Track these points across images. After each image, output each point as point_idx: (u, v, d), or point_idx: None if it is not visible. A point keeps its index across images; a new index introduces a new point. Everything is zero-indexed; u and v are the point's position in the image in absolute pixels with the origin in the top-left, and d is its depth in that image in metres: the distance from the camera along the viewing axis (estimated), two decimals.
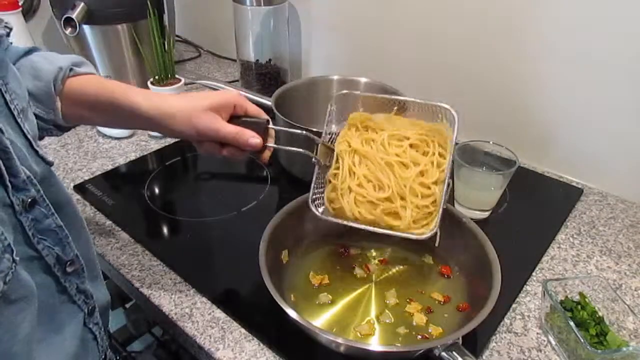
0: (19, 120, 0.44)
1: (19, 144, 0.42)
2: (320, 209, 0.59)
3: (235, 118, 0.58)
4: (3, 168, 0.38)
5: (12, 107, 0.43)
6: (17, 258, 0.38)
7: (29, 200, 0.42)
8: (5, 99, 0.43)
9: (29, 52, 0.57)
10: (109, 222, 0.76)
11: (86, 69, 0.59)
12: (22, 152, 0.42)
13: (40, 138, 0.57)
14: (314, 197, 0.60)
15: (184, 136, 0.57)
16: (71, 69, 0.57)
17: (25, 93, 0.47)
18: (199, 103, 0.55)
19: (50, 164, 0.47)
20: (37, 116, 0.54)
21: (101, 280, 0.55)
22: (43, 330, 0.43)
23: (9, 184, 0.39)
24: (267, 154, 0.60)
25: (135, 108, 0.56)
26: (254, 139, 0.56)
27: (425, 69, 1.00)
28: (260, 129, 0.57)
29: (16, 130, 0.43)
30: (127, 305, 0.83)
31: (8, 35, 0.47)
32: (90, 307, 0.50)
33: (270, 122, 0.59)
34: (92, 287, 0.51)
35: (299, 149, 0.58)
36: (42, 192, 0.43)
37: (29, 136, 0.44)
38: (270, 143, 0.59)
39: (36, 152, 0.45)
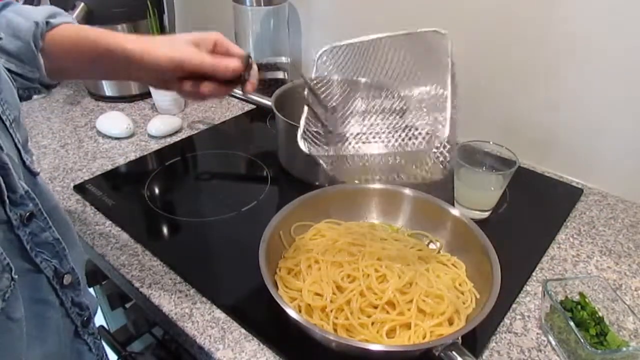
0: (11, 130, 0.43)
1: (13, 156, 0.42)
2: (309, 147, 0.55)
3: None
4: (3, 185, 0.38)
5: (4, 117, 0.43)
6: (16, 277, 0.38)
7: (27, 214, 0.41)
8: None
9: (2, 7, 0.55)
10: (109, 222, 0.76)
11: (62, 18, 0.57)
12: (15, 163, 0.42)
13: (28, 97, 0.57)
14: (303, 133, 0.55)
15: (162, 70, 0.55)
16: (47, 23, 0.55)
17: (17, 101, 0.46)
18: (179, 38, 0.55)
19: (35, 174, 0.45)
20: (22, 76, 0.54)
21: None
22: (33, 346, 0.42)
23: (6, 200, 0.39)
24: (249, 86, 0.57)
25: (118, 49, 0.54)
26: (233, 62, 0.54)
27: None
28: (242, 60, 0.56)
29: (9, 141, 0.43)
30: (127, 305, 0.83)
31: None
32: (85, 318, 0.50)
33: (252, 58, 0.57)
34: (86, 297, 0.50)
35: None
36: (40, 205, 0.43)
37: (19, 146, 0.44)
38: (252, 78, 0.57)
39: (23, 162, 0.44)
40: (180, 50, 0.54)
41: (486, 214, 0.77)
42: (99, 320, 1.02)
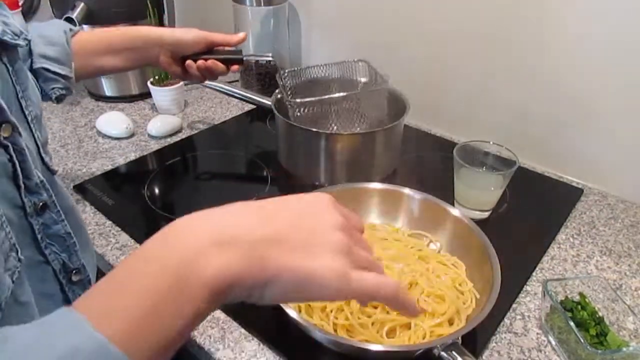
0: (32, 125, 0.45)
1: (31, 148, 0.43)
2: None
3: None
4: (19, 169, 0.39)
5: (26, 112, 0.45)
6: (22, 257, 0.38)
7: (41, 204, 0.42)
8: (21, 104, 0.44)
9: None
10: (109, 222, 0.76)
11: (76, 28, 0.70)
12: (34, 156, 0.43)
13: (62, 99, 0.66)
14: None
15: (189, 45, 0.72)
16: (70, 29, 0.67)
17: (39, 101, 0.49)
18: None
19: (53, 172, 0.47)
20: (63, 76, 0.64)
21: None
22: None
23: (22, 184, 0.40)
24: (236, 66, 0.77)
25: (153, 33, 0.70)
26: (239, 34, 0.74)
27: (426, 69, 1.00)
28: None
29: (29, 135, 0.44)
30: None
31: (27, 45, 0.48)
32: None
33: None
34: None
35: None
36: (53, 197, 0.44)
37: (38, 142, 0.46)
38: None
39: (42, 159, 0.46)
40: (199, 31, 0.73)
41: (486, 214, 0.77)
42: None
